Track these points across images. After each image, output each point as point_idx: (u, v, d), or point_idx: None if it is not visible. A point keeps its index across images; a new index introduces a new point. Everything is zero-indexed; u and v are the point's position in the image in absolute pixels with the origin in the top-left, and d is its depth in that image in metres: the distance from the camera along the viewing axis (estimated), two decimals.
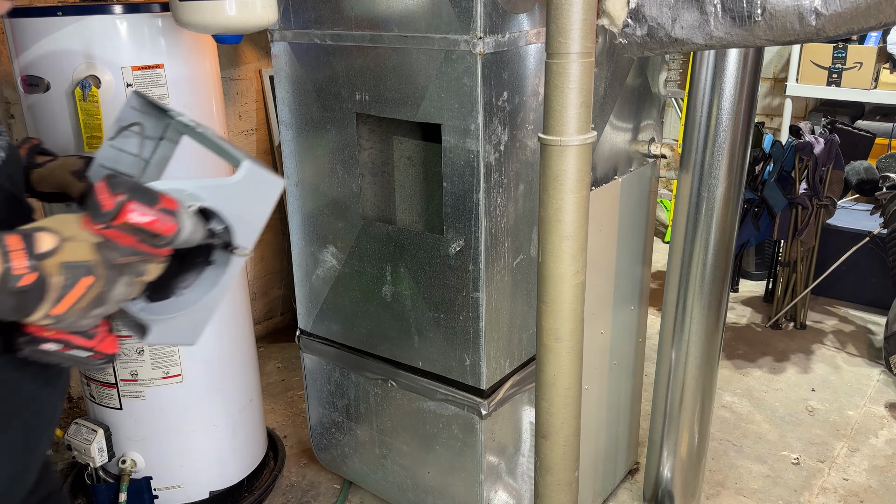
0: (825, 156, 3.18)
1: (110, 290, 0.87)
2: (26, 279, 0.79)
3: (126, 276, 0.88)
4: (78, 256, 0.83)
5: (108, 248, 0.86)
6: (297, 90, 1.89)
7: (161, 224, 0.88)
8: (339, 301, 2.05)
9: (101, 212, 0.86)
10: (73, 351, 0.93)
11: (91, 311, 0.87)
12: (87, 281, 0.84)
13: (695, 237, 1.88)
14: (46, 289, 0.81)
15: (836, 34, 1.26)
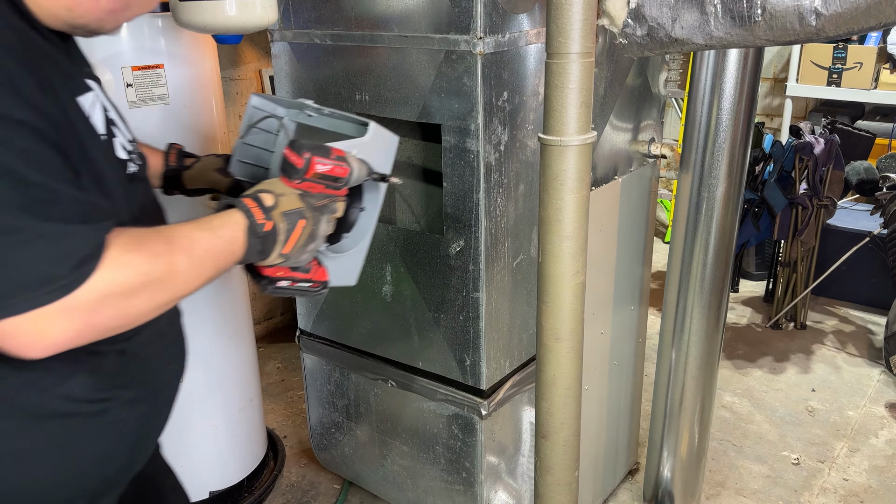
0: (825, 156, 3.18)
1: (317, 227, 1.13)
2: (266, 226, 1.04)
3: (325, 215, 1.15)
4: (291, 206, 1.09)
5: (307, 196, 1.11)
6: (297, 90, 1.89)
7: (339, 169, 1.14)
8: (339, 301, 2.05)
9: (296, 168, 1.10)
10: (299, 284, 1.21)
11: (307, 247, 1.13)
12: (301, 223, 1.10)
13: (695, 237, 1.88)
14: (277, 233, 1.06)
15: (837, 34, 1.26)
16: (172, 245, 0.93)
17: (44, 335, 0.82)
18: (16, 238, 0.78)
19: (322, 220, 1.14)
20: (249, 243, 1.03)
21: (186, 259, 0.94)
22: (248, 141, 1.42)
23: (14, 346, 0.81)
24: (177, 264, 0.92)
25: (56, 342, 0.83)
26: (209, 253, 0.98)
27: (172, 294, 0.94)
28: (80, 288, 0.82)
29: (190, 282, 0.95)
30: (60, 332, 0.82)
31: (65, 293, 0.81)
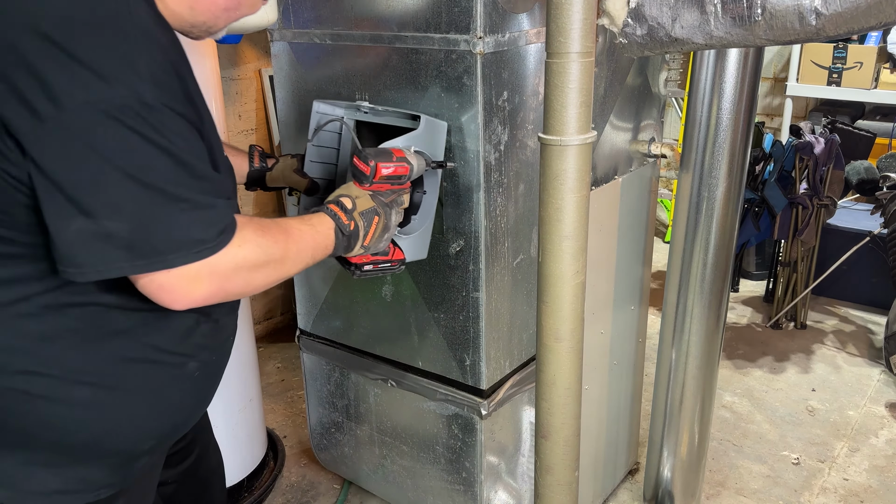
0: (825, 155, 3.17)
1: (389, 220, 1.36)
2: (350, 226, 1.27)
3: (394, 209, 1.37)
4: (366, 206, 1.32)
5: (378, 195, 1.34)
6: (297, 90, 1.89)
7: (400, 168, 1.36)
8: (338, 301, 2.04)
9: (365, 175, 1.33)
10: (381, 265, 1.44)
11: (383, 237, 1.36)
12: (376, 219, 1.33)
13: (695, 237, 1.88)
14: (358, 230, 1.29)
15: (837, 34, 1.26)
16: (288, 235, 1.13)
17: (189, 290, 0.98)
18: (177, 207, 0.95)
19: (392, 213, 1.37)
20: (338, 240, 1.25)
21: (296, 248, 1.14)
22: (317, 143, 1.63)
23: (165, 296, 0.98)
24: (290, 251, 1.12)
25: (196, 298, 1.00)
26: (310, 245, 1.19)
27: (283, 274, 1.13)
28: (222, 254, 0.99)
29: (296, 266, 1.15)
30: (201, 290, 0.99)
31: (210, 254, 0.98)
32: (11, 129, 0.89)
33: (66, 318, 1.02)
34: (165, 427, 1.17)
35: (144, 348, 1.08)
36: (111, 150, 0.90)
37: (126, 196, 0.92)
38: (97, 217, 0.91)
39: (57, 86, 0.88)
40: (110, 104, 0.89)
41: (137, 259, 0.94)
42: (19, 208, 0.95)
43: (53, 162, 0.90)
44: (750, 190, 3.27)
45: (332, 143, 1.69)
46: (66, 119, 0.88)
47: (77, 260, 0.93)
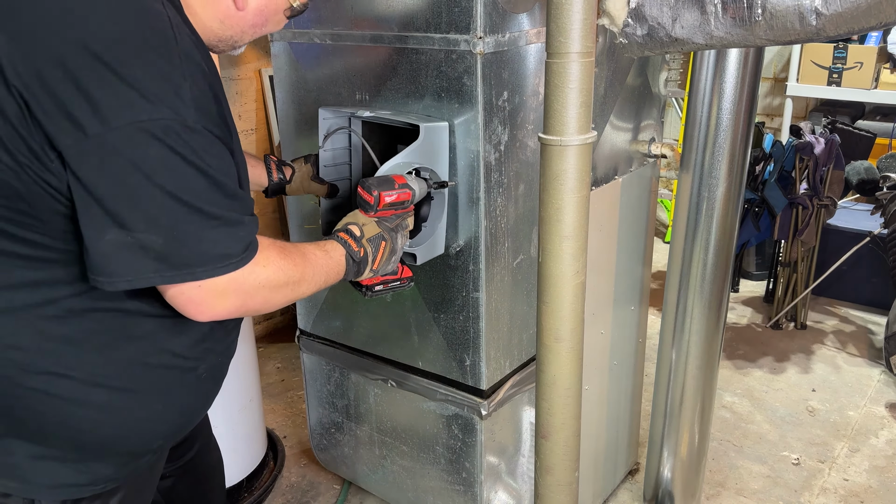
0: (825, 156, 3.17)
1: (395, 243, 1.43)
2: (360, 252, 1.35)
3: (399, 233, 1.45)
4: (373, 232, 1.39)
5: (382, 221, 1.42)
6: (297, 90, 1.89)
7: (403, 195, 1.43)
8: (338, 301, 2.04)
9: (369, 204, 1.40)
10: (391, 284, 1.53)
11: (391, 259, 1.43)
12: (383, 244, 1.40)
13: (695, 237, 1.88)
14: (367, 256, 1.37)
15: (837, 34, 1.26)
16: (305, 259, 1.21)
17: (215, 304, 1.04)
18: (209, 223, 1.00)
19: (398, 237, 1.45)
20: (348, 266, 1.33)
21: (312, 272, 1.21)
22: (327, 147, 1.69)
23: (192, 308, 1.04)
24: (306, 274, 1.19)
25: (219, 312, 1.06)
26: (324, 270, 1.26)
27: (298, 295, 1.19)
28: (248, 272, 1.05)
29: (311, 289, 1.22)
30: (225, 305, 1.06)
31: (235, 268, 1.03)
32: (55, 143, 0.93)
33: (89, 323, 1.06)
34: (173, 428, 1.22)
35: (161, 353, 1.12)
36: (152, 168, 0.94)
37: (162, 211, 0.96)
38: (133, 229, 0.95)
39: (104, 104, 0.92)
40: (154, 125, 0.94)
41: (167, 270, 0.98)
42: (55, 216, 0.99)
43: (94, 176, 0.94)
44: (750, 190, 3.27)
45: (342, 143, 1.73)
46: (111, 136, 0.92)
47: (109, 269, 0.97)
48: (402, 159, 1.53)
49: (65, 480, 1.11)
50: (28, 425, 1.07)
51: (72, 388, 1.06)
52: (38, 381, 1.05)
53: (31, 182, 0.96)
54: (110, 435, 1.12)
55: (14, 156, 0.94)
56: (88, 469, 1.12)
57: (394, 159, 1.53)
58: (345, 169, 1.75)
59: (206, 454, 1.57)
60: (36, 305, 1.03)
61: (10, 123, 0.93)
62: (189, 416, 1.24)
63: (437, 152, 1.58)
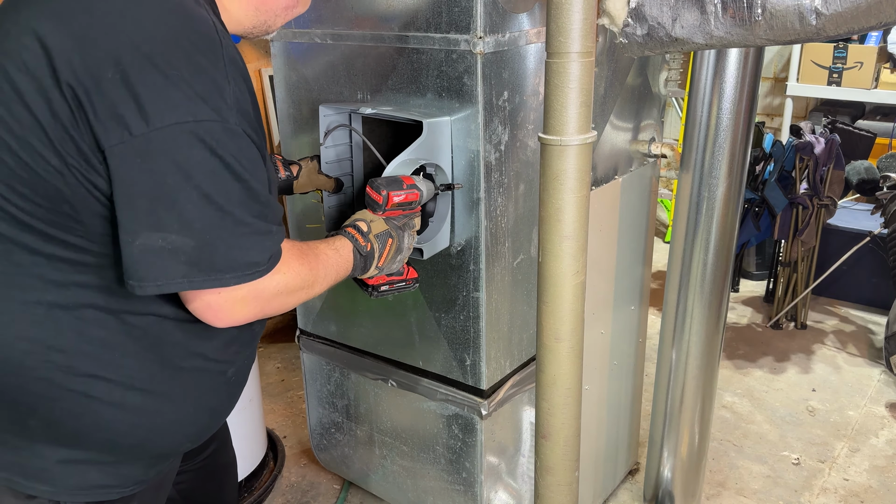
0: (826, 155, 3.17)
1: (402, 242, 1.45)
2: (367, 247, 1.36)
3: (406, 231, 1.46)
4: (380, 229, 1.40)
5: (391, 219, 1.43)
6: (297, 90, 1.89)
7: (411, 195, 1.45)
8: (338, 301, 2.04)
9: (378, 203, 1.42)
10: (396, 285, 1.53)
11: (396, 258, 1.44)
12: (390, 241, 1.41)
13: (695, 237, 1.88)
14: (373, 253, 1.37)
15: (837, 34, 1.26)
16: (318, 260, 1.22)
17: (235, 311, 1.05)
18: (240, 230, 1.00)
19: (405, 236, 1.46)
20: (356, 261, 1.34)
21: (324, 271, 1.23)
22: (328, 144, 1.69)
23: (211, 315, 1.04)
24: (319, 275, 1.21)
25: (238, 318, 1.07)
26: (335, 267, 1.27)
27: (311, 295, 1.21)
28: (268, 279, 1.06)
29: (322, 288, 1.24)
30: (245, 312, 1.06)
31: (260, 276, 1.04)
32: (101, 143, 0.94)
33: (126, 326, 1.07)
34: (201, 429, 1.23)
35: (194, 357, 1.14)
36: (191, 169, 0.95)
37: (197, 214, 0.97)
38: (166, 231, 0.96)
39: (150, 105, 0.93)
40: (198, 126, 0.95)
41: (196, 275, 0.99)
42: (96, 219, 1.00)
43: (134, 174, 0.95)
44: (750, 190, 3.27)
45: (343, 139, 1.74)
46: (155, 136, 0.93)
47: (139, 273, 0.97)
48: (407, 156, 1.54)
49: (97, 482, 1.12)
50: (64, 428, 1.08)
51: (110, 390, 1.07)
52: (78, 383, 1.05)
53: (78, 184, 0.97)
54: (143, 437, 1.13)
55: (63, 158, 0.95)
56: (118, 471, 1.14)
57: (400, 156, 1.54)
58: (346, 165, 1.76)
59: (223, 453, 1.58)
60: (76, 308, 1.04)
61: (62, 124, 0.94)
62: (216, 418, 1.26)
63: (441, 148, 1.59)
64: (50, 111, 0.94)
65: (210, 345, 1.15)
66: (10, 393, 1.05)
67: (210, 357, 1.16)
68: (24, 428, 1.07)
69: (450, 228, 1.68)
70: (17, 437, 1.08)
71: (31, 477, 1.09)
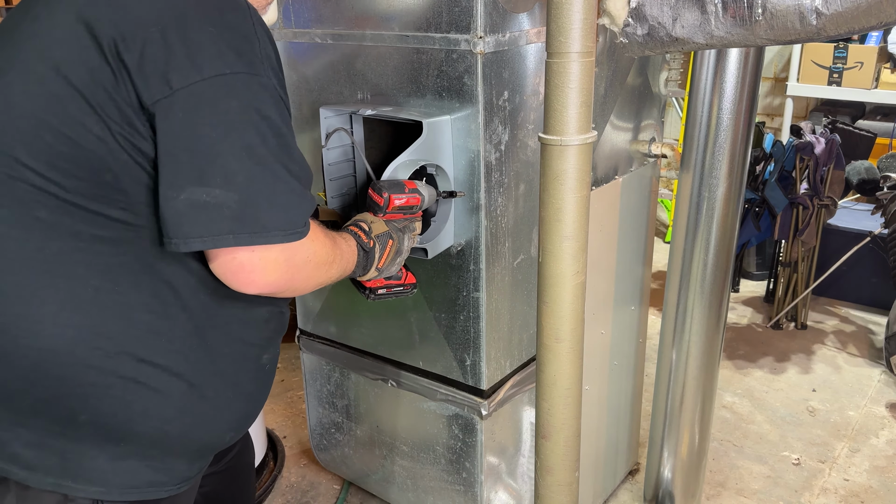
0: (826, 155, 3.17)
1: (402, 244, 1.46)
2: (370, 244, 1.38)
3: (407, 234, 1.47)
4: (381, 230, 1.42)
5: (391, 222, 1.44)
6: (297, 90, 1.89)
7: (412, 199, 1.46)
8: (339, 301, 2.04)
9: (379, 206, 1.44)
10: (394, 289, 1.54)
11: (395, 260, 1.46)
12: (390, 242, 1.42)
13: (695, 237, 1.88)
14: (374, 251, 1.39)
15: (837, 34, 1.26)
16: (335, 243, 1.24)
17: (266, 274, 1.03)
18: (282, 187, 1.01)
19: (405, 239, 1.47)
20: (359, 257, 1.35)
21: (340, 255, 1.25)
22: (330, 146, 1.69)
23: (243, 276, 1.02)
24: (336, 257, 1.22)
25: (269, 281, 1.04)
26: (346, 257, 1.29)
27: (328, 277, 1.21)
28: (300, 244, 1.05)
29: (336, 273, 1.24)
30: (275, 275, 1.04)
31: (297, 238, 1.04)
32: (144, 100, 0.95)
33: (171, 309, 1.06)
34: (241, 417, 1.22)
35: (234, 342, 1.14)
36: (232, 121, 0.96)
37: (241, 167, 0.97)
38: (210, 185, 0.96)
39: (189, 59, 0.95)
40: (236, 78, 0.97)
41: (241, 231, 0.98)
42: (139, 187, 1.00)
43: (177, 128, 0.95)
44: (750, 190, 3.27)
45: (344, 140, 1.74)
46: (196, 89, 0.95)
47: (183, 229, 0.97)
48: (407, 157, 1.54)
49: (148, 478, 1.11)
50: (115, 419, 1.06)
51: (157, 375, 1.06)
52: (127, 368, 1.04)
53: (120, 150, 0.97)
54: (190, 425, 1.11)
55: (106, 123, 0.96)
56: (168, 465, 1.12)
57: (400, 157, 1.53)
58: (349, 167, 1.76)
59: (246, 453, 1.57)
60: (121, 292, 1.03)
61: (104, 88, 0.95)
62: (255, 406, 1.25)
63: (441, 148, 1.59)
64: (91, 79, 0.95)
65: (247, 329, 1.15)
66: (61, 386, 1.03)
67: (249, 342, 1.16)
68: (73, 426, 1.05)
69: (453, 227, 1.68)
70: (63, 437, 1.06)
71: (81, 478, 1.07)
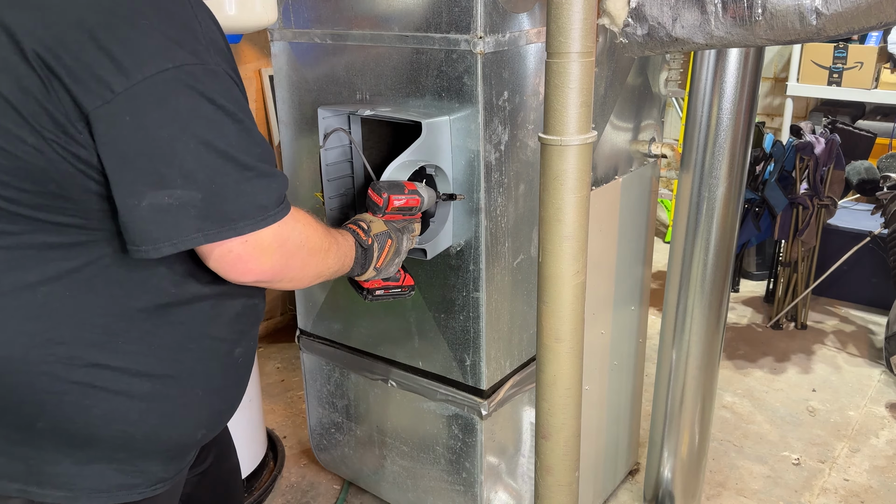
0: (826, 156, 3.17)
1: (401, 245, 1.45)
2: (368, 241, 1.37)
3: (405, 235, 1.47)
4: (380, 229, 1.41)
5: (390, 222, 1.44)
6: (296, 90, 1.89)
7: (412, 201, 1.46)
8: (338, 301, 2.04)
9: (378, 206, 1.43)
10: (392, 290, 1.52)
11: (394, 260, 1.45)
12: (389, 242, 1.42)
13: (695, 237, 1.88)
14: (373, 250, 1.38)
15: (837, 34, 1.26)
16: (330, 233, 1.22)
17: (261, 261, 1.02)
18: (244, 174, 0.97)
19: (404, 239, 1.46)
20: (357, 254, 1.34)
21: (336, 247, 1.23)
22: (329, 146, 1.70)
23: (240, 265, 1.01)
24: (332, 248, 1.20)
25: (265, 268, 1.04)
26: (342, 252, 1.27)
27: (325, 268, 1.20)
28: (290, 228, 1.04)
29: (333, 267, 1.23)
30: (270, 262, 1.03)
31: (274, 221, 1.01)
32: (84, 107, 0.90)
33: (126, 311, 1.03)
34: (214, 415, 1.20)
35: (201, 338, 1.11)
36: (184, 118, 0.92)
37: (199, 164, 0.93)
38: (171, 187, 0.92)
39: (126, 58, 0.90)
40: (179, 71, 0.91)
41: (210, 228, 0.96)
42: (87, 195, 0.96)
43: (127, 134, 0.91)
44: (750, 190, 3.27)
45: (343, 141, 1.74)
46: (139, 89, 0.90)
47: (151, 235, 0.94)
48: (406, 157, 1.54)
49: (117, 482, 1.08)
50: (74, 424, 1.04)
51: (115, 378, 1.04)
52: (82, 374, 1.02)
53: (60, 160, 0.93)
54: (156, 425, 1.09)
55: (40, 133, 0.91)
56: (136, 469, 1.10)
57: (399, 158, 1.53)
58: (347, 167, 1.76)
59: (227, 459, 1.55)
60: (73, 297, 1.00)
61: (34, 98, 0.90)
62: (228, 403, 1.23)
63: (440, 148, 1.60)
64: (19, 88, 0.90)
65: (216, 325, 1.12)
66: (15, 394, 1.01)
67: (217, 337, 1.13)
68: (33, 432, 1.03)
69: (452, 228, 1.68)
70: (25, 445, 1.04)
71: (46, 484, 1.05)
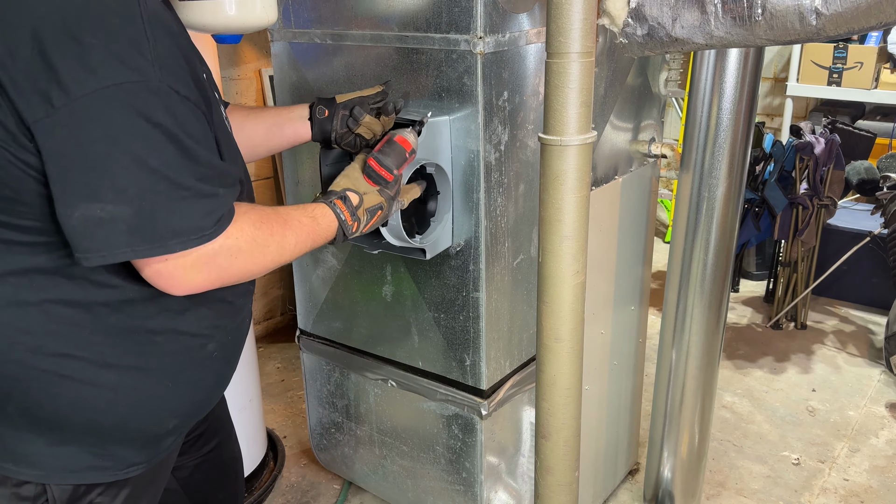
0: (826, 156, 3.17)
1: (390, 211, 1.41)
2: (354, 227, 1.32)
3: (397, 199, 1.42)
4: (373, 202, 1.35)
5: (385, 189, 1.37)
6: (297, 90, 1.89)
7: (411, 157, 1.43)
8: (339, 301, 2.04)
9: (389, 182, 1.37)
10: None
11: (378, 224, 1.41)
12: (379, 213, 1.37)
13: (695, 237, 1.88)
14: (360, 226, 1.34)
15: (837, 34, 1.26)
16: (286, 226, 1.17)
17: (189, 278, 1.03)
18: (179, 193, 0.97)
19: (395, 204, 1.43)
20: (337, 236, 1.30)
21: (294, 238, 1.18)
22: None
23: (164, 283, 1.02)
24: (287, 241, 1.17)
25: (196, 284, 1.04)
26: (310, 236, 1.23)
27: (279, 262, 1.17)
28: (219, 245, 1.03)
29: (293, 254, 1.20)
30: (199, 278, 1.04)
31: (207, 241, 1.01)
32: (25, 118, 0.92)
33: (90, 304, 1.06)
34: (187, 406, 1.22)
35: (167, 332, 1.13)
36: (119, 135, 0.93)
37: (130, 180, 0.94)
38: (103, 201, 0.94)
39: (68, 75, 0.91)
40: (119, 89, 0.93)
41: (140, 244, 0.97)
42: (40, 199, 0.98)
43: (62, 147, 0.93)
44: (750, 190, 3.27)
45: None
46: (77, 106, 0.91)
47: (83, 244, 0.96)
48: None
49: (88, 463, 1.12)
50: (42, 410, 1.08)
51: (81, 368, 1.07)
52: (49, 362, 1.05)
53: (12, 166, 0.96)
54: (124, 415, 1.12)
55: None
56: (107, 453, 1.13)
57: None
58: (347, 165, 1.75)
59: (228, 447, 1.58)
60: (39, 290, 1.04)
61: None
62: (204, 395, 1.25)
63: (440, 147, 1.59)
64: None
65: (185, 320, 1.14)
66: None
67: (186, 332, 1.15)
68: (3, 415, 1.08)
69: (451, 227, 1.68)
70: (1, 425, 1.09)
71: (21, 462, 1.10)
